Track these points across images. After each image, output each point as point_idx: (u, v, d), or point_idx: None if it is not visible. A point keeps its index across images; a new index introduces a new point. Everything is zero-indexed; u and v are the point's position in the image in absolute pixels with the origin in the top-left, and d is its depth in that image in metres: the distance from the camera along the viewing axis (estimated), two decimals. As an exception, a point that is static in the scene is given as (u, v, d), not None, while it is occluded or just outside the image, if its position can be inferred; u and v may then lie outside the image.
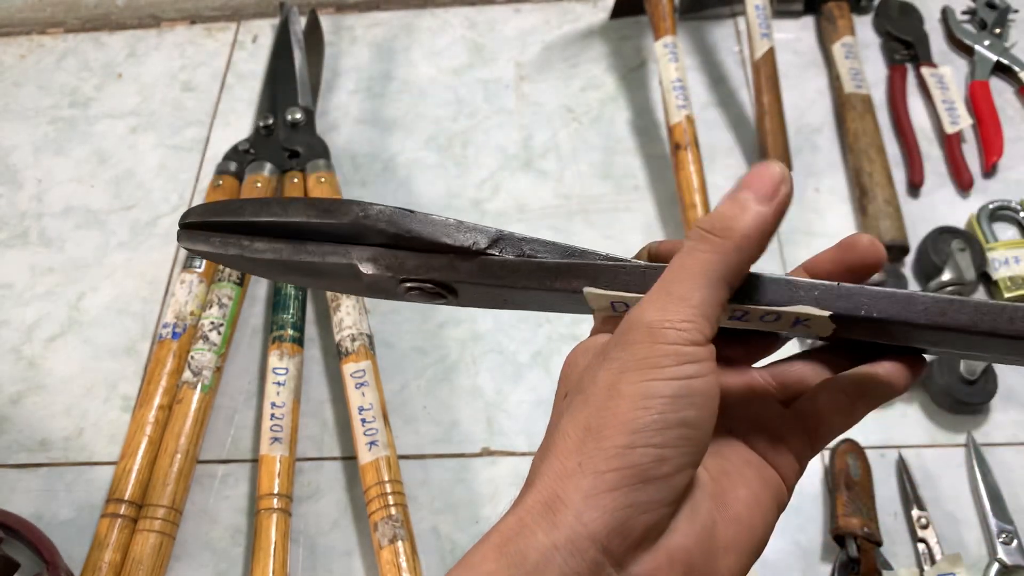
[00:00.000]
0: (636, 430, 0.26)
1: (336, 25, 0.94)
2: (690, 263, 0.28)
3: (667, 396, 0.26)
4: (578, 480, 0.26)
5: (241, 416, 0.68)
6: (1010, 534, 0.59)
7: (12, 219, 0.81)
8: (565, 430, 0.27)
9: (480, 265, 0.32)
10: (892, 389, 0.32)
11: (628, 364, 0.27)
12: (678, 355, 0.27)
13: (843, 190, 0.77)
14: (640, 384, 0.26)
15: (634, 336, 0.27)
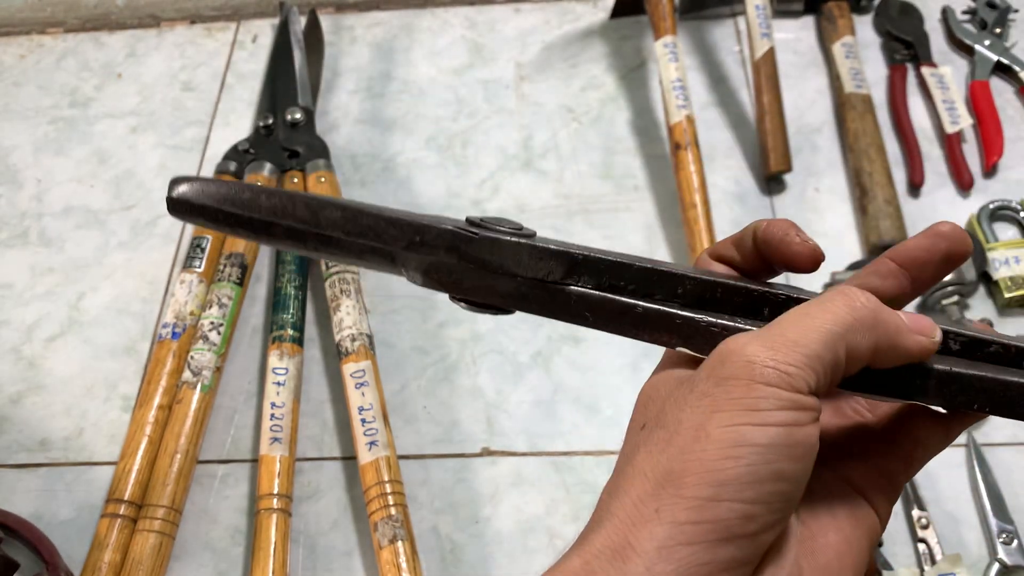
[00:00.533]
0: (723, 482, 0.23)
1: (336, 25, 0.94)
2: (816, 312, 0.26)
3: (762, 445, 0.24)
4: (653, 528, 0.24)
5: (241, 416, 0.68)
6: (1010, 534, 0.59)
7: (12, 219, 0.81)
8: (643, 469, 0.25)
9: (553, 296, 0.29)
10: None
11: (720, 403, 0.24)
12: (778, 400, 0.24)
13: (843, 190, 0.77)
14: (732, 428, 0.24)
15: (730, 370, 0.25)
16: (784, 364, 0.24)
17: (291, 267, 0.72)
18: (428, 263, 0.29)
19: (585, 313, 0.29)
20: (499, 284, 0.29)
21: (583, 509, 0.63)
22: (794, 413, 0.24)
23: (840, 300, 0.26)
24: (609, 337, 0.72)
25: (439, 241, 0.29)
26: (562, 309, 0.29)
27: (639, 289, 0.29)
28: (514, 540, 0.62)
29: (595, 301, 0.29)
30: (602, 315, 0.29)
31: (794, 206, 0.77)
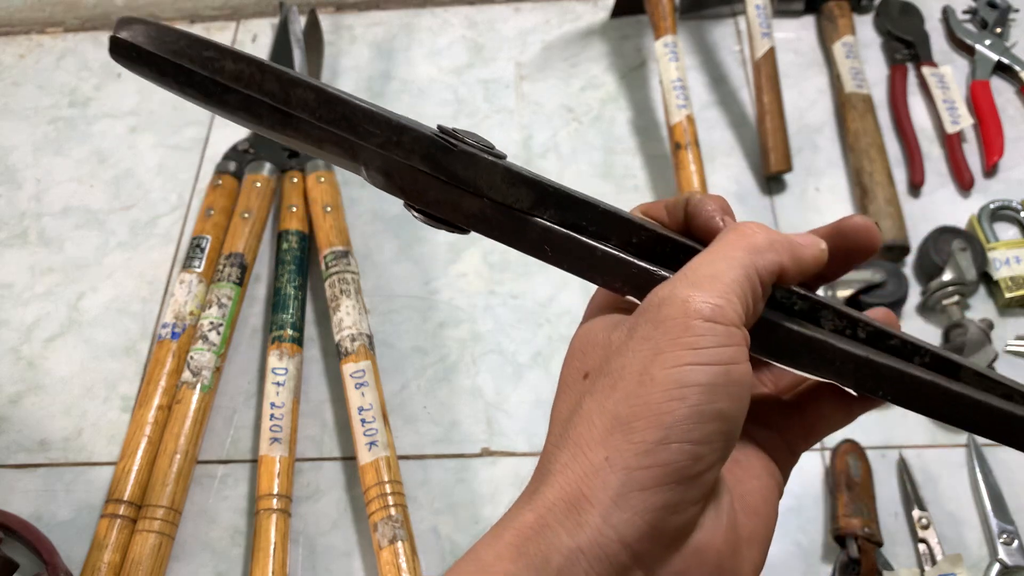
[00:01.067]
0: (671, 424, 0.24)
1: (335, 24, 0.94)
2: (721, 248, 0.27)
3: (703, 384, 0.24)
4: (606, 477, 0.24)
5: (240, 416, 0.68)
6: (1011, 534, 0.59)
7: (11, 219, 0.81)
8: (590, 418, 0.25)
9: (517, 224, 0.28)
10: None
11: (662, 344, 0.25)
12: (715, 335, 0.25)
13: (844, 189, 0.77)
14: (675, 370, 0.24)
15: (667, 312, 0.25)
16: (713, 297, 0.25)
17: (291, 267, 0.72)
18: (395, 165, 0.28)
19: (545, 247, 0.29)
20: (464, 202, 0.28)
21: (583, 509, 0.62)
22: (731, 349, 0.25)
23: (735, 234, 0.28)
24: (609, 337, 0.71)
25: (415, 146, 0.28)
26: (523, 239, 0.28)
27: (598, 232, 0.29)
28: (514, 540, 0.62)
29: (557, 236, 0.28)
30: (561, 252, 0.29)
31: (794, 206, 0.77)
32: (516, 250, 0.29)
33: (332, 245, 0.72)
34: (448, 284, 0.74)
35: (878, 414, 0.65)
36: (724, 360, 0.25)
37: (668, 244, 0.30)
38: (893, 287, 0.68)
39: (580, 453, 0.25)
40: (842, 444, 0.62)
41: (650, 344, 0.25)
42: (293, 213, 0.75)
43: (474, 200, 0.28)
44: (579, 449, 0.25)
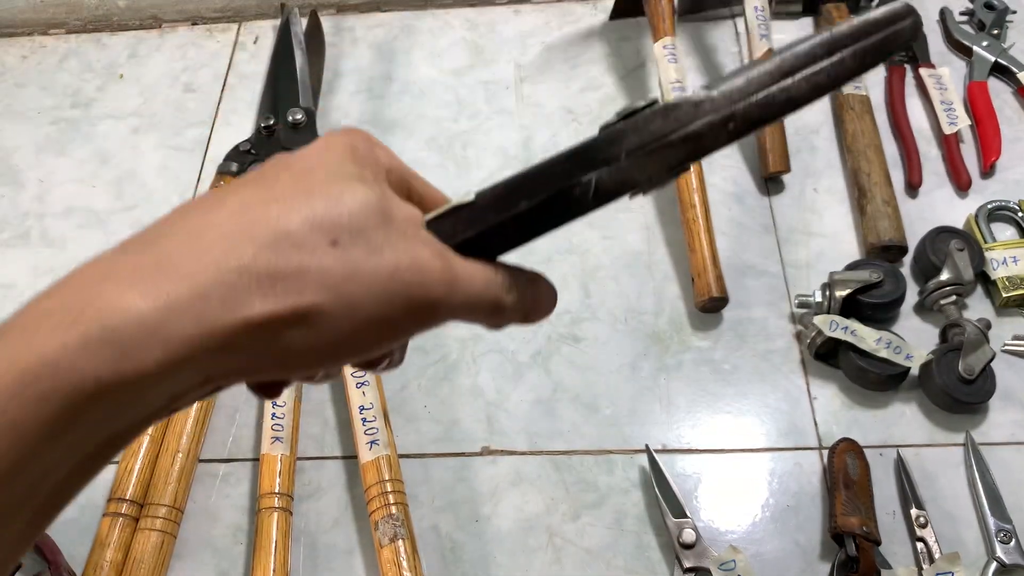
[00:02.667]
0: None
1: (337, 26, 0.94)
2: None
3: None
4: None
5: (242, 415, 0.68)
6: (1008, 533, 0.59)
7: (14, 219, 0.82)
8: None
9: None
10: None
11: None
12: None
13: (841, 190, 0.78)
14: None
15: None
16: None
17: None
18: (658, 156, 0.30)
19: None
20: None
21: (583, 508, 0.63)
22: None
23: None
24: (608, 336, 0.72)
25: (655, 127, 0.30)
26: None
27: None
28: (514, 539, 0.62)
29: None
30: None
31: (792, 206, 0.77)
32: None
33: (333, 245, 0.72)
34: (448, 284, 0.74)
35: (877, 414, 0.66)
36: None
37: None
38: (890, 287, 0.68)
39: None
40: (840, 443, 0.63)
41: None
42: (294, 213, 0.75)
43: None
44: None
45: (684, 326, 0.71)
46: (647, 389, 0.68)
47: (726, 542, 0.61)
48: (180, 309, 0.25)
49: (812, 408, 0.66)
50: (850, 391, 0.67)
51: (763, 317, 0.71)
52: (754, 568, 0.59)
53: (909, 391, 0.66)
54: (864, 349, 0.65)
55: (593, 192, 0.30)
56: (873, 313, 0.67)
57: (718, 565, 0.58)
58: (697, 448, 0.65)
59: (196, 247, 0.26)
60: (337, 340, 0.27)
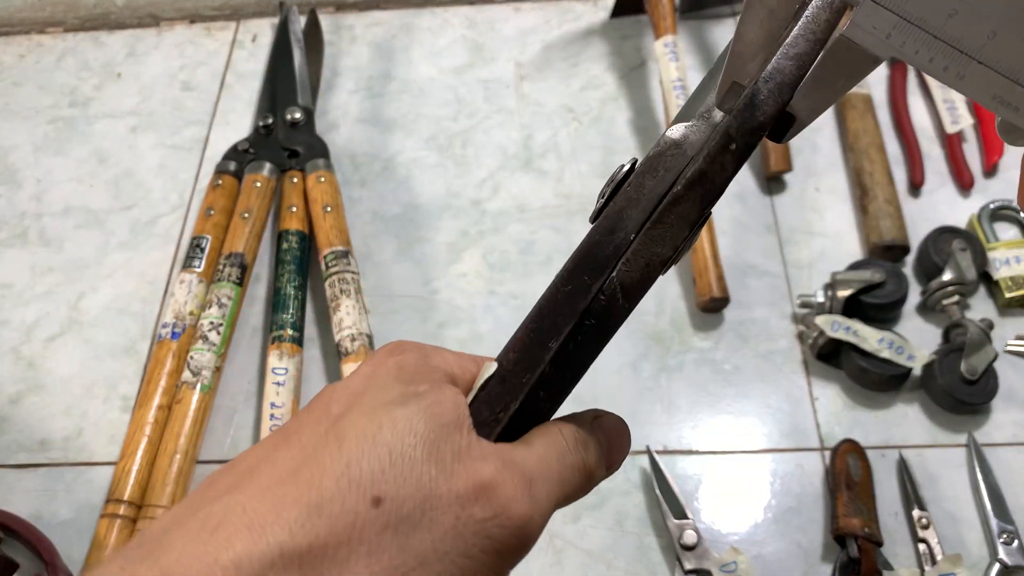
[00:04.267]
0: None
1: (336, 24, 0.94)
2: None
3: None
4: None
5: (241, 416, 0.68)
6: (1011, 534, 0.59)
7: (12, 219, 0.81)
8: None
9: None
10: None
11: (469, 550, 0.24)
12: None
13: (843, 189, 0.77)
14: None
15: (492, 522, 0.25)
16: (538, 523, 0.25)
17: (291, 267, 0.72)
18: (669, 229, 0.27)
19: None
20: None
21: (583, 509, 0.62)
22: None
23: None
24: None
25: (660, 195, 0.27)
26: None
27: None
28: (514, 540, 0.62)
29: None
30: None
31: (794, 206, 0.77)
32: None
33: (332, 245, 0.72)
34: (448, 284, 0.74)
35: (878, 414, 0.65)
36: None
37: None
38: (893, 287, 0.68)
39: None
40: (842, 444, 0.62)
41: (460, 543, 0.24)
42: (293, 213, 0.75)
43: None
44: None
45: (685, 326, 0.70)
46: (648, 390, 0.67)
47: (727, 543, 0.60)
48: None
49: (814, 409, 0.66)
50: (852, 392, 0.66)
51: (765, 317, 0.70)
52: (755, 569, 0.59)
53: (911, 392, 0.66)
54: (866, 349, 0.64)
55: (622, 294, 0.27)
56: (875, 313, 0.67)
57: (719, 567, 0.58)
58: (698, 449, 0.65)
59: (213, 541, 0.22)
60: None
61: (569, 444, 0.27)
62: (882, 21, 0.26)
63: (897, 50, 0.26)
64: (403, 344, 0.28)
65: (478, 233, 0.77)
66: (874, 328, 0.65)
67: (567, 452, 0.27)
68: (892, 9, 0.25)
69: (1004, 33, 0.25)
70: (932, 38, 0.25)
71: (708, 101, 0.27)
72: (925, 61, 0.26)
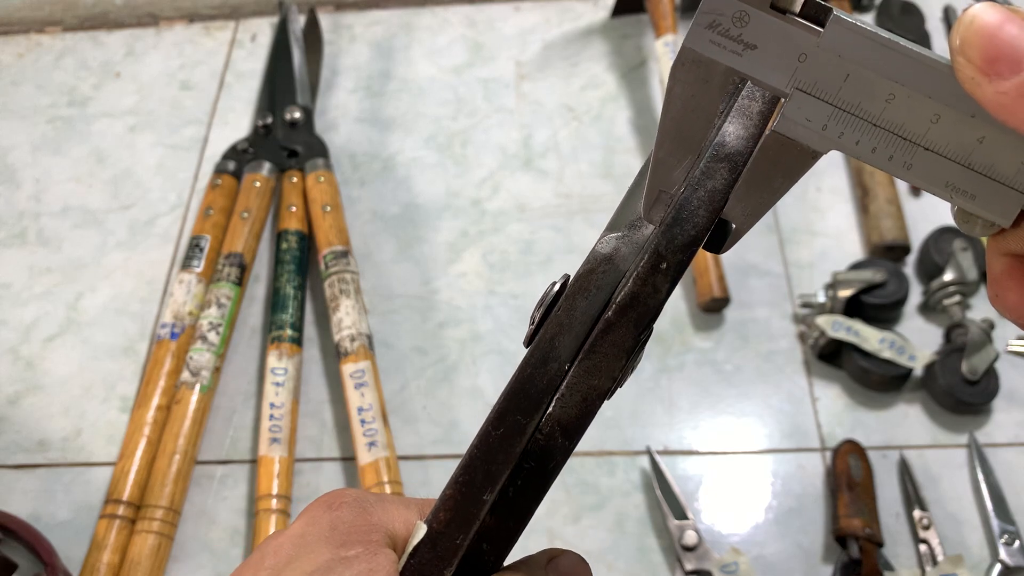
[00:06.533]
0: None
1: (335, 23, 0.93)
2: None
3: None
4: None
5: (240, 416, 0.68)
6: (1012, 535, 0.59)
7: (10, 219, 0.81)
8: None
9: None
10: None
11: None
12: None
13: (845, 189, 0.77)
14: None
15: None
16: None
17: (290, 267, 0.71)
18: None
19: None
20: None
21: (584, 510, 0.62)
22: None
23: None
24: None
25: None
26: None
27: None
28: (514, 541, 0.61)
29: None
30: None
31: (795, 206, 0.76)
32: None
33: (331, 245, 0.71)
34: (448, 284, 0.74)
35: (879, 415, 0.65)
36: None
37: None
38: (894, 287, 0.67)
39: None
40: (843, 444, 0.62)
41: None
42: (292, 213, 0.74)
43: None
44: None
45: (686, 326, 0.70)
46: (649, 390, 0.67)
47: (728, 544, 0.60)
48: None
49: (815, 409, 0.66)
50: (853, 392, 0.66)
51: (766, 317, 0.70)
52: (756, 570, 0.59)
53: (912, 392, 0.66)
54: (867, 350, 0.64)
55: (560, 432, 0.24)
56: (876, 313, 0.67)
57: (720, 567, 0.58)
58: (699, 450, 0.65)
59: None
60: None
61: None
62: (816, 112, 0.24)
63: (836, 142, 0.24)
64: (342, 496, 0.27)
65: (478, 233, 0.76)
66: (875, 328, 0.65)
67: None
68: (824, 98, 0.23)
69: (949, 113, 0.23)
70: (872, 126, 0.23)
71: (638, 209, 0.25)
72: (867, 152, 0.24)
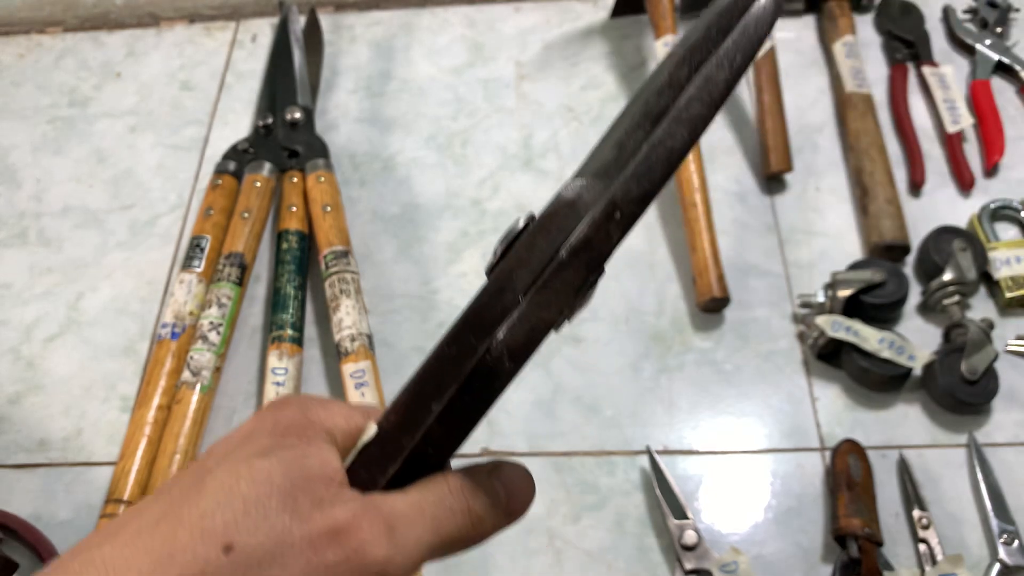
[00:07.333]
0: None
1: (335, 24, 0.94)
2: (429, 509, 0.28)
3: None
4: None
5: (240, 416, 0.68)
6: (1012, 534, 0.59)
7: (11, 219, 0.81)
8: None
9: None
10: None
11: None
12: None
13: (844, 189, 0.77)
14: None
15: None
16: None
17: (291, 267, 0.72)
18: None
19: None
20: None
21: (584, 510, 0.62)
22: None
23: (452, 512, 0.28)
24: (609, 337, 0.72)
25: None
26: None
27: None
28: (514, 541, 0.61)
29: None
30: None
31: (794, 206, 0.76)
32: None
33: (332, 245, 0.72)
34: (448, 284, 0.74)
35: (879, 415, 0.65)
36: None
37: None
38: (893, 287, 0.68)
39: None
40: (842, 444, 0.62)
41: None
42: (293, 213, 0.74)
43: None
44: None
45: (686, 326, 0.70)
46: (648, 390, 0.67)
47: (728, 544, 0.60)
48: None
49: (814, 409, 0.66)
50: (853, 392, 0.66)
51: (765, 317, 0.70)
52: (756, 570, 0.59)
53: (912, 392, 0.66)
54: (867, 350, 0.64)
55: (508, 356, 0.26)
56: (876, 313, 0.67)
57: (720, 567, 0.58)
58: (699, 449, 0.65)
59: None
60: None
61: (452, 489, 0.28)
62: None
63: None
64: (288, 399, 0.28)
65: (478, 233, 0.76)
66: (875, 328, 0.65)
67: (447, 496, 0.28)
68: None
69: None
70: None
71: (605, 157, 0.26)
72: None
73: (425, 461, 0.28)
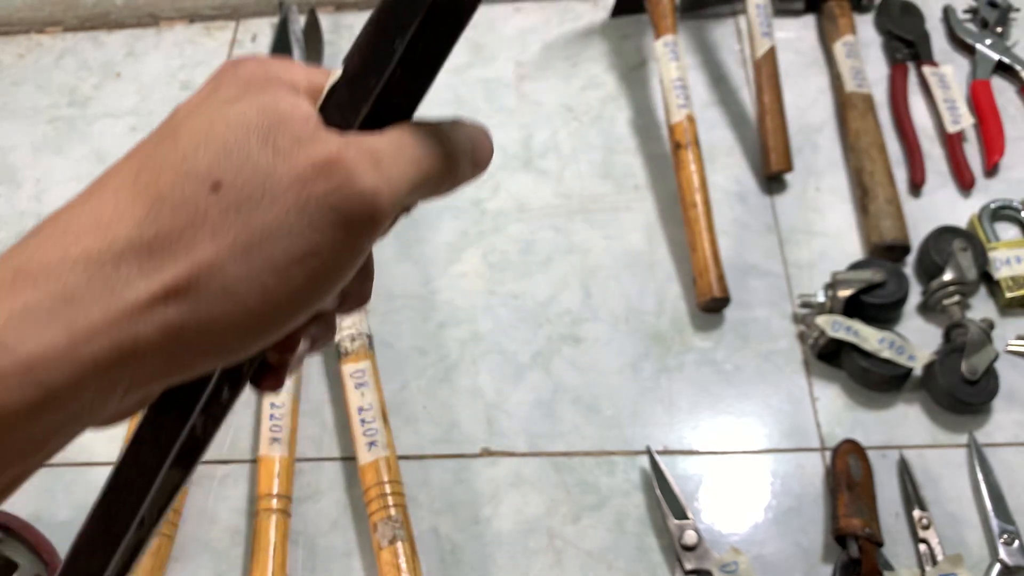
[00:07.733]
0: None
1: (335, 24, 0.94)
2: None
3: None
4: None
5: (240, 416, 0.68)
6: (1012, 534, 0.59)
7: (11, 219, 0.81)
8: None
9: None
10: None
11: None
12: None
13: (844, 189, 0.77)
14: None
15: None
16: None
17: (290, 267, 0.71)
18: None
19: None
20: None
21: (584, 509, 0.62)
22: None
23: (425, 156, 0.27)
24: (609, 337, 0.72)
25: None
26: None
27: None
28: (514, 541, 0.62)
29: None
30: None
31: (795, 206, 0.76)
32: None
33: (332, 245, 0.71)
34: (448, 284, 0.74)
35: (879, 415, 0.65)
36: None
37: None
38: (893, 287, 0.68)
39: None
40: (842, 444, 0.62)
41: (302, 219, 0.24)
42: (293, 213, 0.74)
43: None
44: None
45: (686, 326, 0.70)
46: (648, 390, 0.67)
47: (728, 544, 0.60)
48: (41, 320, 0.21)
49: (814, 409, 0.66)
50: (853, 392, 0.66)
51: (765, 317, 0.70)
52: (756, 570, 0.59)
53: (912, 392, 0.66)
54: (867, 350, 0.64)
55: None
56: (876, 313, 0.67)
57: (720, 567, 0.58)
58: (699, 449, 0.65)
59: (63, 240, 0.23)
60: (259, 297, 0.24)
61: (427, 132, 0.27)
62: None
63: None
64: (244, 57, 0.28)
65: (478, 233, 0.76)
66: (875, 328, 0.65)
67: (424, 136, 0.27)
68: None
69: None
70: None
71: None
72: None
73: (394, 108, 0.27)
